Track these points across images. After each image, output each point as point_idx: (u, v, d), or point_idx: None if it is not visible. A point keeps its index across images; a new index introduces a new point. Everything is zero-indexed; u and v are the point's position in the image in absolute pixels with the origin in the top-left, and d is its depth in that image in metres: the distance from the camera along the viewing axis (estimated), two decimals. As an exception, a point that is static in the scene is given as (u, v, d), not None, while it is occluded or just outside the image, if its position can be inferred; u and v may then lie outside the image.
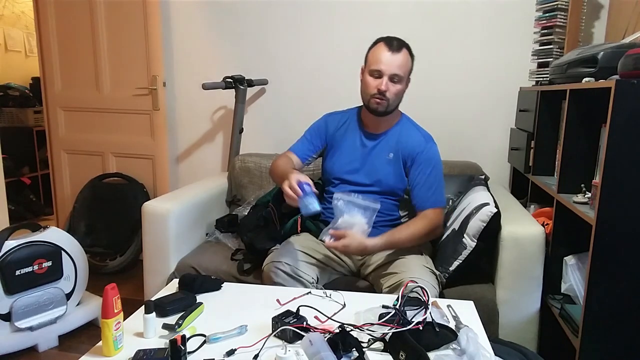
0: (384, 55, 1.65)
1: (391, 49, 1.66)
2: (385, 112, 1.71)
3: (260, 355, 1.06)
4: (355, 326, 1.15)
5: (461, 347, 1.07)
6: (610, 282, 1.29)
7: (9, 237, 1.89)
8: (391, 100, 1.68)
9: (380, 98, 1.67)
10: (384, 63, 1.65)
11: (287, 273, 1.56)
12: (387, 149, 1.77)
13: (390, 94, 1.66)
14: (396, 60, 1.65)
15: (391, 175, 1.76)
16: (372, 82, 1.67)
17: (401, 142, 1.76)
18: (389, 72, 1.65)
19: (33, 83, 4.21)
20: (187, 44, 2.74)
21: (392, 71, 1.65)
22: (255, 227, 1.88)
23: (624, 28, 1.94)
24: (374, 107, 1.70)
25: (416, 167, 1.73)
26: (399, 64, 1.66)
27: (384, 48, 1.67)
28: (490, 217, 1.55)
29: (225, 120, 2.75)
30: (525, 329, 1.63)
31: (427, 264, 1.61)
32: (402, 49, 1.68)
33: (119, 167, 2.90)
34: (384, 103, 1.68)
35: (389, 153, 1.77)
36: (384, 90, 1.65)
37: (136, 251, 2.72)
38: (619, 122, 1.22)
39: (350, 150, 1.81)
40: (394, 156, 1.76)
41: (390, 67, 1.65)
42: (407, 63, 1.69)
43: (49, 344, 2.00)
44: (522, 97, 2.23)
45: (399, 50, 1.66)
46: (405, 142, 1.76)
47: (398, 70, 1.66)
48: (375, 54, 1.68)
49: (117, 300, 1.09)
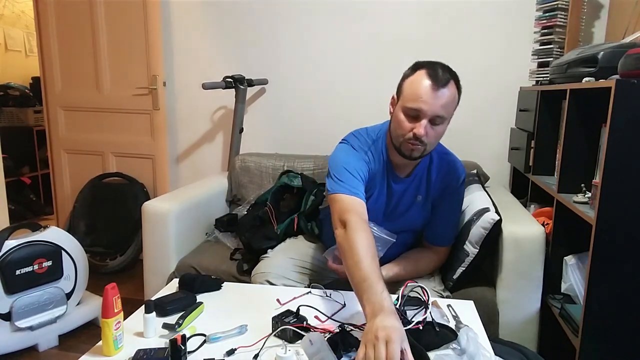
0: (425, 92, 1.28)
1: (436, 83, 1.28)
2: (421, 156, 1.39)
3: (260, 355, 1.06)
4: (356, 326, 1.15)
5: (461, 347, 1.07)
6: (610, 282, 1.29)
7: (9, 237, 1.89)
8: (429, 145, 1.35)
9: (415, 144, 1.32)
10: (426, 102, 1.27)
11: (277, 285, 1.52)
12: (416, 191, 1.51)
13: (429, 139, 1.32)
14: (441, 99, 1.28)
15: (419, 219, 1.54)
16: (407, 124, 1.32)
17: (432, 183, 1.51)
18: (431, 113, 1.29)
19: (33, 83, 4.21)
20: (187, 44, 2.74)
21: (435, 112, 1.29)
22: (252, 227, 1.88)
23: (624, 28, 1.94)
24: (407, 153, 1.37)
25: (442, 203, 1.53)
26: (444, 103, 1.29)
27: (426, 81, 1.28)
28: (492, 225, 1.53)
29: (226, 120, 2.75)
30: (526, 328, 1.63)
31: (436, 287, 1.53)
32: (450, 82, 1.30)
33: (119, 167, 2.90)
34: (419, 149, 1.34)
35: (417, 195, 1.51)
36: (422, 135, 1.30)
37: (136, 251, 2.72)
38: (619, 122, 1.21)
39: (377, 196, 1.49)
40: (423, 198, 1.51)
41: (432, 108, 1.28)
42: (454, 100, 1.33)
43: (49, 344, 2.00)
44: (522, 96, 2.23)
45: (446, 85, 1.29)
46: (437, 183, 1.51)
47: (442, 111, 1.29)
48: (414, 87, 1.30)
49: (117, 299, 1.08)
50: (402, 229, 1.52)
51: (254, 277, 1.59)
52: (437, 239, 1.58)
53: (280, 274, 1.56)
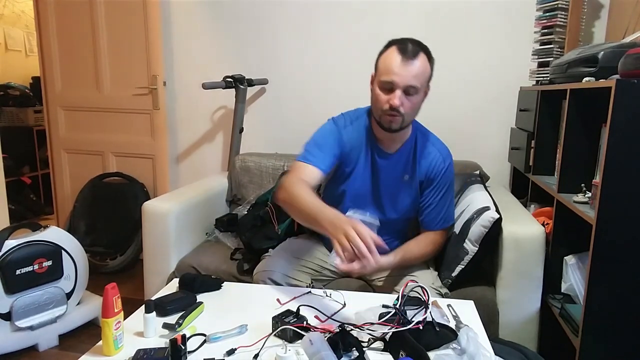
0: (396, 64, 1.38)
1: (405, 56, 1.38)
2: (401, 128, 1.48)
3: (260, 354, 1.06)
4: (356, 326, 1.15)
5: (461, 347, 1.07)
6: (610, 282, 1.29)
7: (9, 237, 1.89)
8: (406, 116, 1.44)
9: (393, 114, 1.42)
10: (397, 74, 1.38)
11: (279, 283, 1.52)
12: (402, 170, 1.57)
13: (405, 109, 1.41)
14: (412, 70, 1.38)
15: (406, 199, 1.58)
16: (384, 96, 1.42)
17: (418, 162, 1.57)
18: (403, 84, 1.39)
19: (33, 82, 4.21)
20: (187, 44, 2.74)
21: (407, 82, 1.39)
22: (253, 227, 1.88)
23: (625, 28, 1.94)
24: (386, 125, 1.46)
25: (432, 188, 1.58)
26: (415, 74, 1.39)
27: (396, 54, 1.39)
28: (492, 223, 1.53)
29: (226, 120, 2.75)
30: (526, 328, 1.63)
31: (433, 284, 1.54)
32: (419, 54, 1.40)
33: (119, 167, 2.91)
34: (398, 119, 1.44)
35: (404, 175, 1.57)
36: (398, 106, 1.40)
37: (136, 251, 2.72)
38: (619, 122, 1.21)
39: (362, 172, 1.57)
40: (410, 178, 1.57)
41: (404, 78, 1.38)
42: (424, 71, 1.42)
43: (49, 344, 2.00)
44: (522, 96, 2.23)
45: (415, 57, 1.39)
46: (423, 162, 1.57)
47: (414, 81, 1.39)
48: (387, 62, 1.41)
49: (118, 299, 1.09)
50: (393, 213, 1.58)
51: (256, 275, 1.59)
52: (430, 223, 1.60)
53: (283, 272, 1.56)
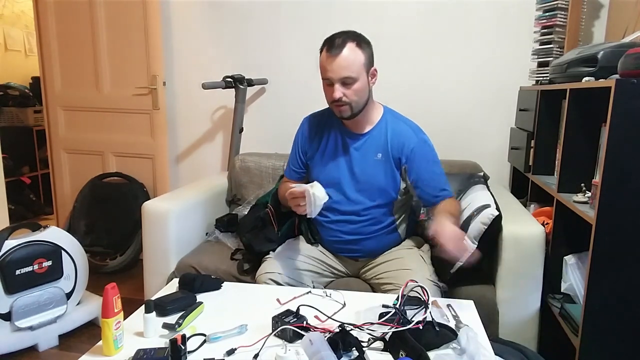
0: (327, 63, 1.48)
1: (332, 52, 1.47)
2: (353, 114, 1.56)
3: (260, 354, 1.06)
4: (355, 325, 1.15)
5: (461, 347, 1.07)
6: (610, 282, 1.29)
7: (9, 237, 1.89)
8: (353, 103, 1.52)
9: (339, 105, 1.52)
10: (329, 70, 1.48)
11: (281, 284, 1.54)
12: (375, 149, 1.63)
13: (349, 97, 1.51)
14: (340, 62, 1.46)
15: (382, 177, 1.62)
16: (327, 91, 1.55)
17: (390, 140, 1.62)
18: (337, 77, 1.48)
19: (33, 82, 4.21)
20: (187, 44, 2.74)
21: (340, 75, 1.47)
22: (253, 228, 1.88)
23: (624, 27, 1.94)
24: (338, 115, 1.58)
25: (414, 163, 1.61)
26: (345, 65, 1.46)
27: (324, 52, 1.50)
28: (491, 220, 1.54)
29: (225, 120, 2.75)
30: (525, 328, 1.63)
31: (430, 277, 1.55)
32: (345, 45, 1.47)
33: (119, 167, 2.90)
34: (345, 108, 1.53)
35: (376, 153, 1.63)
36: (339, 98, 1.49)
37: (136, 251, 2.72)
38: (619, 122, 1.21)
39: (333, 154, 1.67)
40: (383, 156, 1.62)
41: (336, 73, 1.47)
42: (355, 59, 1.48)
43: (49, 344, 2.00)
44: (522, 96, 2.23)
45: (341, 49, 1.46)
46: (394, 140, 1.62)
47: (346, 72, 1.47)
48: (321, 61, 1.52)
49: (117, 299, 1.09)
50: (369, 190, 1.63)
51: (258, 277, 1.60)
52: (432, 197, 1.61)
53: (285, 273, 1.57)
